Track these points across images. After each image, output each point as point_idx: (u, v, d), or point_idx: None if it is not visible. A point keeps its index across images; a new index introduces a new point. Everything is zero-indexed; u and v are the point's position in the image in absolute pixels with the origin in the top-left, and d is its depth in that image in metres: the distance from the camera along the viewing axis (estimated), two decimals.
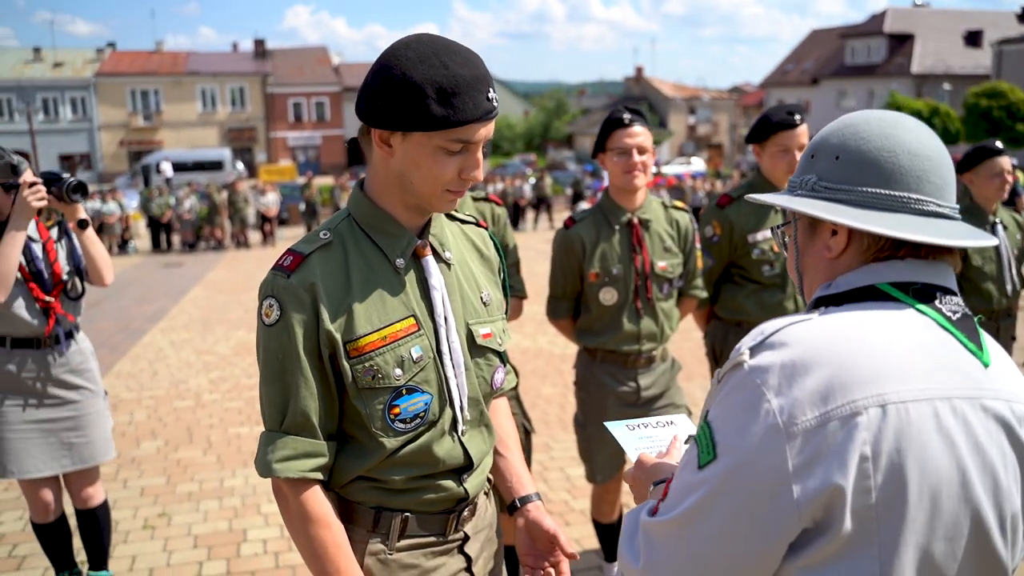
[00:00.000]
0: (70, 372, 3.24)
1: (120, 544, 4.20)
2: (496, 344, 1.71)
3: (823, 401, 0.99)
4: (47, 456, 3.21)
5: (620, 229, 3.12)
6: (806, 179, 1.19)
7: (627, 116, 3.00)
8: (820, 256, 1.19)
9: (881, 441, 0.98)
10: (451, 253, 1.67)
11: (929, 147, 1.13)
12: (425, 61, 1.44)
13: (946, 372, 1.04)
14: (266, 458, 1.53)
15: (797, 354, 1.02)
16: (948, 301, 1.11)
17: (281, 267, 1.54)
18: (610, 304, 3.13)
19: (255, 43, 55.77)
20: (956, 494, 1.01)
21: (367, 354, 1.53)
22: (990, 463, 1.03)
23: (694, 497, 1.04)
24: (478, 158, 1.53)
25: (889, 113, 1.17)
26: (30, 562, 4.04)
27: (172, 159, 38.36)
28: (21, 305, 3.08)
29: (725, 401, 1.06)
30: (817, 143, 1.20)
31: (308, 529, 1.53)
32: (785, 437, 0.99)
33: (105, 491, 3.50)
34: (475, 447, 1.68)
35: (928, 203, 1.12)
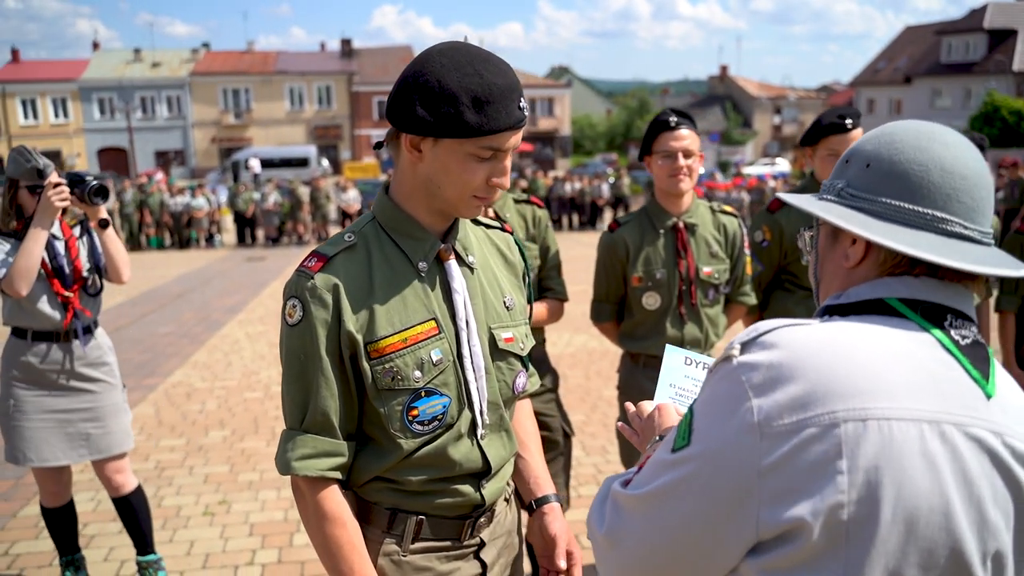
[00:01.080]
0: (87, 365, 3.38)
1: (180, 529, 4.36)
2: (518, 349, 1.71)
3: (803, 407, 0.97)
4: (65, 446, 3.36)
5: (665, 233, 3.09)
6: (835, 184, 1.16)
7: (673, 119, 2.96)
8: (838, 264, 1.17)
9: (858, 456, 0.95)
10: (474, 257, 1.68)
11: (965, 165, 1.08)
12: (460, 69, 1.46)
13: (940, 395, 1.00)
14: (285, 456, 1.56)
15: (785, 356, 1.00)
16: (959, 325, 1.07)
17: (305, 268, 1.57)
18: (653, 309, 3.09)
19: (342, 43, 56.92)
20: (936, 523, 0.97)
21: (387, 355, 1.55)
22: (978, 496, 0.99)
23: (662, 479, 1.05)
24: (506, 166, 1.55)
25: (932, 126, 1.13)
26: (97, 541, 4.23)
27: (260, 156, 39.54)
28: (43, 299, 3.24)
29: (709, 392, 1.06)
30: (854, 149, 1.17)
31: (324, 527, 1.56)
32: (758, 437, 0.97)
33: (136, 479, 3.63)
34: (494, 452, 1.68)
35: (953, 223, 1.07)
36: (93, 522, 4.45)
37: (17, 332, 3.30)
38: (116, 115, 50.46)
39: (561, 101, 58.32)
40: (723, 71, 60.20)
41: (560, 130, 57.35)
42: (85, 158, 50.99)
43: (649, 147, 3.02)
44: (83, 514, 4.53)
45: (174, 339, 9.55)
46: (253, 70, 53.25)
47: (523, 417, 1.90)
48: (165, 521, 4.46)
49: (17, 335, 3.30)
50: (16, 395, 3.30)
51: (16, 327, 3.30)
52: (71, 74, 52.00)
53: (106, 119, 51.40)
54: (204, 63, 53.78)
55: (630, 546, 1.09)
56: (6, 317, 3.31)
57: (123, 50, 56.61)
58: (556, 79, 65.74)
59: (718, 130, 51.77)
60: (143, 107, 51.84)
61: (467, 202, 1.56)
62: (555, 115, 57.72)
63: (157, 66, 53.50)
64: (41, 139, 50.85)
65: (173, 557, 4.05)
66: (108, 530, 4.35)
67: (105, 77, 51.49)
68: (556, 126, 57.28)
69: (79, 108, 51.48)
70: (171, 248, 21.23)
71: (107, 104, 51.29)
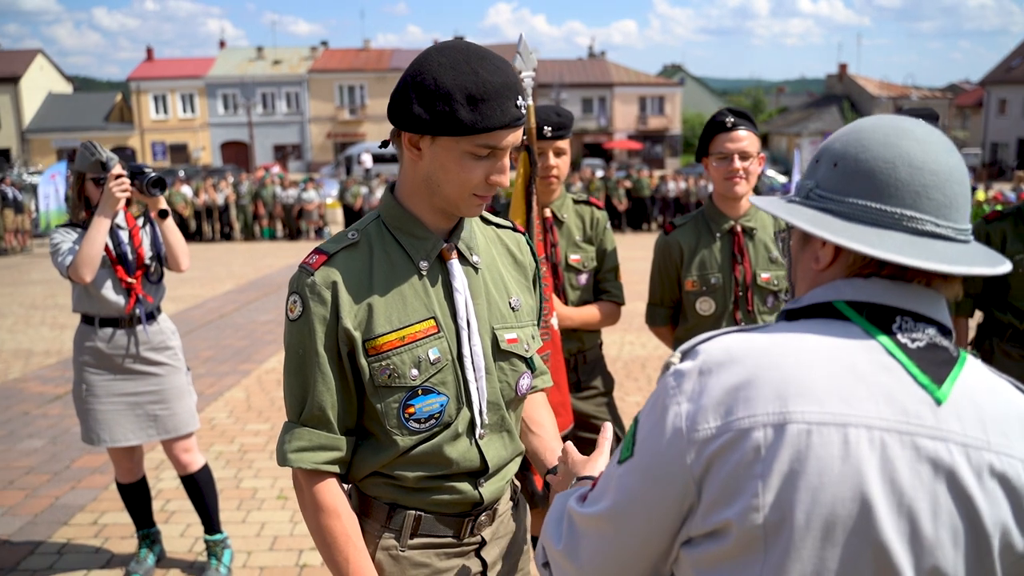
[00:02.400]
0: (151, 349, 3.55)
1: (254, 510, 4.54)
2: (522, 350, 1.70)
3: (727, 412, 0.97)
4: (135, 427, 3.54)
5: (721, 237, 3.01)
6: (805, 184, 1.13)
7: (730, 119, 2.88)
8: (808, 267, 1.14)
9: (774, 460, 0.94)
10: (479, 257, 1.68)
11: (936, 160, 1.03)
12: (456, 67, 1.47)
13: (872, 400, 0.97)
14: (283, 447, 1.60)
15: (717, 364, 1.01)
16: (911, 328, 1.02)
17: (307, 265, 1.59)
18: (707, 314, 3.03)
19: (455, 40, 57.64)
20: (853, 528, 0.93)
21: (384, 353, 1.56)
22: (909, 507, 0.94)
23: (612, 496, 1.07)
24: (504, 164, 1.55)
25: (904, 120, 1.08)
26: (177, 517, 4.45)
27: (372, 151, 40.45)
28: (107, 285, 3.43)
29: (651, 401, 1.07)
30: (823, 147, 1.14)
31: (319, 518, 1.59)
32: (686, 442, 0.99)
33: (204, 458, 3.80)
34: (493, 452, 1.68)
35: (924, 221, 1.03)
36: (175, 499, 4.68)
37: (86, 319, 3.52)
38: (239, 110, 52.70)
39: (672, 100, 57.50)
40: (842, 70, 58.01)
41: (670, 129, 56.56)
42: (209, 151, 53.46)
43: (706, 148, 2.96)
44: (166, 491, 4.77)
45: (273, 327, 9.90)
46: (368, 67, 54.62)
47: (537, 407, 1.89)
48: (240, 502, 4.65)
49: (86, 321, 3.52)
50: (88, 379, 3.52)
51: (85, 314, 3.51)
52: (199, 71, 54.60)
53: (229, 114, 53.77)
54: (322, 60, 55.53)
55: (587, 562, 1.11)
56: (75, 304, 3.54)
57: (247, 48, 59.04)
58: (668, 77, 64.83)
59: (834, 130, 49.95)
60: (263, 103, 53.92)
61: (467, 200, 1.56)
62: (665, 114, 56.95)
63: (278, 63, 55.56)
64: (169, 133, 53.65)
65: (243, 537, 4.22)
66: (187, 507, 4.56)
67: (229, 74, 53.82)
68: (666, 125, 56.51)
69: (205, 103, 54.02)
70: (282, 239, 22.01)
71: (231, 100, 53.63)
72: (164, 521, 4.40)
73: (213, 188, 22.06)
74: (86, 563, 3.98)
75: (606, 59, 61.89)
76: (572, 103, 54.71)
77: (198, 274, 14.79)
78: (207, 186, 22.30)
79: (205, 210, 21.71)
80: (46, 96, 54.90)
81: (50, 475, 5.14)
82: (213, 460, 5.32)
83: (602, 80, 56.80)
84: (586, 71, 58.20)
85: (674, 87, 58.81)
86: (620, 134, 56.02)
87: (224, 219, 21.93)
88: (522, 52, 3.00)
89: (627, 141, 54.50)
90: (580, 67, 59.01)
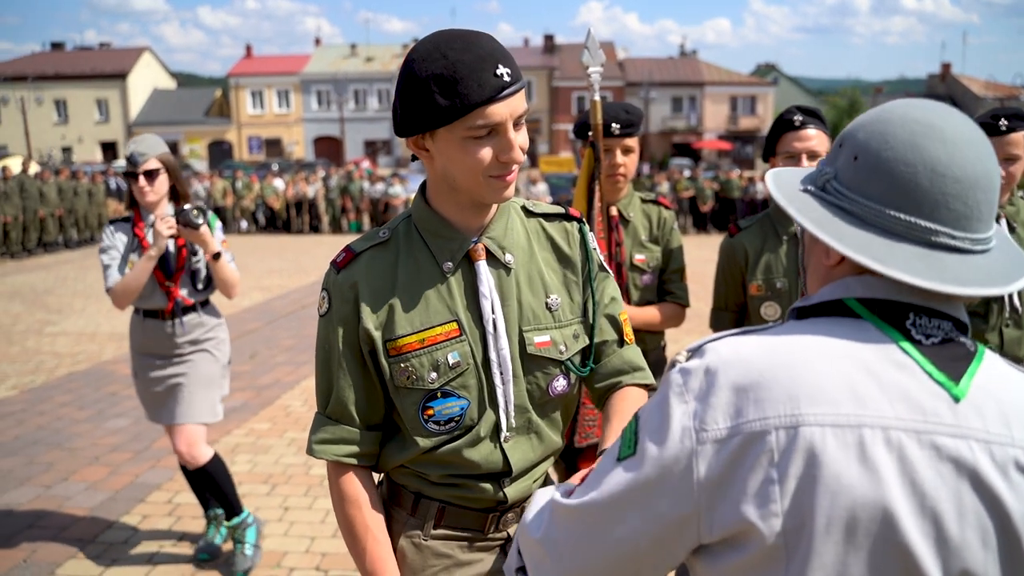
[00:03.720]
0: (191, 342, 3.68)
1: (320, 497, 4.62)
2: (556, 353, 1.62)
3: (737, 413, 0.94)
4: (157, 407, 3.70)
5: (788, 240, 2.90)
6: (824, 172, 1.06)
7: (798, 117, 2.76)
8: (819, 261, 1.09)
9: (789, 464, 0.90)
10: (512, 256, 1.62)
11: (962, 166, 0.96)
12: (427, 58, 1.42)
13: (887, 399, 0.92)
14: (310, 437, 1.64)
15: (725, 363, 0.97)
16: (926, 324, 0.98)
17: (334, 262, 1.60)
18: (772, 319, 2.93)
19: (544, 38, 57.82)
20: (876, 532, 0.89)
21: (404, 355, 1.55)
22: (932, 508, 0.90)
23: (606, 489, 1.02)
24: (510, 139, 1.46)
25: (935, 113, 1.00)
26: (248, 501, 4.56)
27: None
28: (147, 286, 3.57)
29: (654, 399, 1.03)
30: (849, 130, 1.07)
31: (343, 508, 1.62)
32: (695, 443, 0.95)
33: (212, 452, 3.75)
34: (518, 455, 1.64)
35: (940, 234, 0.97)
36: (247, 482, 4.81)
37: (135, 309, 3.70)
38: (331, 106, 53.96)
39: (764, 99, 56.31)
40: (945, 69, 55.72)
41: (762, 129, 55.34)
42: (302, 146, 54.88)
43: (773, 148, 2.85)
44: (238, 474, 4.90)
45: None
46: None
47: (626, 399, 1.71)
48: (308, 488, 4.75)
49: (135, 312, 3.71)
50: (136, 363, 3.72)
51: (135, 306, 3.69)
52: (294, 68, 56.15)
53: (322, 110, 55.12)
54: None
55: (568, 558, 1.07)
56: None
57: (341, 45, 60.44)
58: (762, 77, 63.49)
59: None
60: (355, 99, 55.10)
61: (485, 184, 1.49)
62: (757, 114, 55.83)
63: (370, 60, 56.67)
64: (265, 127, 55.28)
65: (308, 523, 4.30)
66: (257, 491, 4.68)
67: (324, 71, 55.19)
68: (758, 125, 55.36)
69: (299, 99, 55.51)
70: None
71: (324, 96, 54.99)
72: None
73: (304, 181, 22.61)
74: (159, 539, 4.13)
75: (697, 58, 61.10)
76: (661, 102, 54.16)
77: (285, 265, 15.20)
78: (298, 179, 22.89)
79: (295, 203, 22.27)
80: (151, 91, 57.38)
81: (132, 453, 5.35)
82: (285, 447, 5.45)
83: (693, 79, 56.05)
84: (677, 70, 57.53)
85: (767, 87, 57.58)
86: (710, 134, 55.16)
87: (313, 212, 22.45)
88: (589, 47, 2.97)
89: (717, 141, 53.61)
90: (671, 66, 58.37)
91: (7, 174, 16.96)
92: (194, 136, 55.06)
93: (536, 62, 55.25)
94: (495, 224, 1.61)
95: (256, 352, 8.28)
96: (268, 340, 8.86)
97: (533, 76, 54.27)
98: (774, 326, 1.04)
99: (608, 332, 1.72)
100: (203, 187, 22.44)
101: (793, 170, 1.17)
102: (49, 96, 53.32)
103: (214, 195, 22.08)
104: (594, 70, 2.98)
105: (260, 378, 7.26)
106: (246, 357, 8.05)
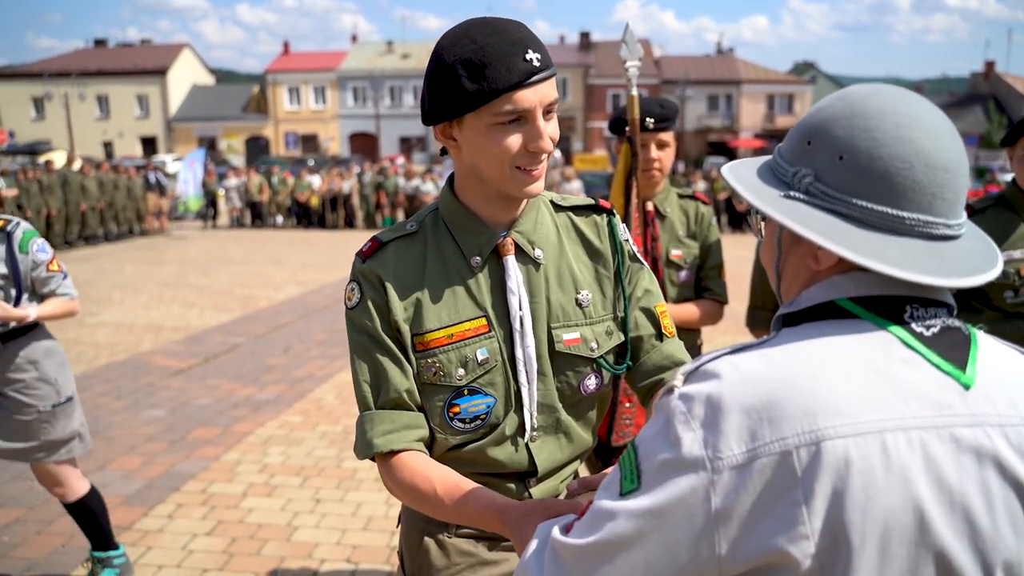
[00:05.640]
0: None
1: (352, 491, 4.64)
2: (587, 351, 1.57)
3: (752, 437, 0.88)
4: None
5: None
6: (801, 174, 1.00)
7: None
8: (804, 264, 1.04)
9: (815, 482, 0.86)
10: (542, 251, 1.57)
11: (947, 154, 0.95)
12: (456, 43, 1.39)
13: (902, 399, 0.89)
14: (366, 436, 1.50)
15: (730, 384, 0.91)
16: (923, 314, 0.95)
17: (360, 252, 1.57)
18: None
19: (580, 36, 57.63)
20: (910, 539, 0.86)
21: (431, 350, 1.50)
22: (962, 503, 0.87)
23: (612, 527, 0.94)
24: (539, 127, 1.41)
25: (902, 100, 0.98)
26: (280, 493, 4.61)
27: None
28: None
29: (653, 427, 0.96)
30: (816, 126, 1.01)
31: (419, 486, 1.45)
32: (711, 471, 0.88)
33: (84, 485, 3.48)
34: (544, 455, 1.59)
35: (937, 225, 0.95)
36: (280, 474, 4.85)
37: None
38: (367, 103, 54.26)
39: (802, 98, 55.64)
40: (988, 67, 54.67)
41: None
42: (338, 142, 55.26)
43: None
44: (271, 466, 4.92)
45: None
46: None
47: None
48: (340, 481, 4.78)
49: None
50: None
51: None
52: (331, 64, 56.54)
53: (358, 106, 55.45)
54: None
55: None
56: None
57: (378, 42, 60.73)
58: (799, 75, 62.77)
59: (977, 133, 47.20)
60: (391, 96, 55.34)
61: (511, 176, 1.44)
62: (794, 112, 55.16)
63: (406, 57, 56.86)
64: (302, 123, 55.75)
65: (340, 515, 4.33)
66: (289, 483, 4.72)
67: (360, 67, 55.52)
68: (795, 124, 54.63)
69: (336, 96, 55.89)
70: None
71: (360, 93, 55.32)
72: (267, 495, 4.56)
73: (339, 177, 22.76)
74: (192, 529, 4.17)
75: (734, 56, 60.51)
76: (697, 100, 53.74)
77: (320, 260, 15.31)
78: (332, 175, 23.04)
79: (330, 199, 22.41)
80: (191, 88, 58.08)
81: (167, 443, 5.42)
82: (318, 439, 5.49)
83: (729, 77, 55.55)
84: (713, 68, 57.06)
85: (804, 85, 56.87)
86: (746, 132, 54.62)
87: (348, 207, 22.59)
88: (627, 41, 2.94)
89: (753, 140, 53.05)
90: (707, 64, 57.90)
91: (50, 168, 17.27)
92: (232, 132, 55.69)
93: (572, 59, 55.09)
94: (524, 218, 1.57)
95: (290, 346, 8.34)
96: (302, 334, 8.92)
97: (568, 74, 54.13)
98: (770, 339, 0.98)
99: (644, 326, 1.65)
100: (240, 182, 22.69)
101: (747, 165, 1.11)
102: (91, 92, 54.18)
103: (251, 190, 22.30)
104: (632, 64, 2.96)
105: (293, 371, 7.31)
106: (280, 351, 8.12)
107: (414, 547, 1.65)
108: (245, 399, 6.46)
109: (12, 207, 15.35)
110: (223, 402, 6.37)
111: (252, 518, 4.31)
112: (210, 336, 8.83)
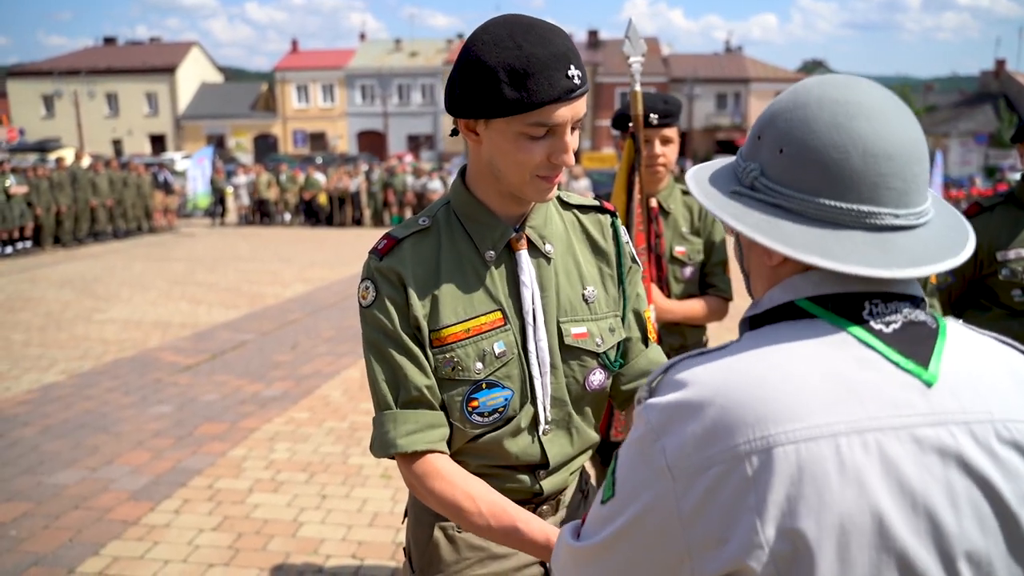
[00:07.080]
0: None
1: (358, 487, 4.66)
2: (593, 345, 1.60)
3: (707, 444, 0.87)
4: None
5: None
6: (749, 169, 1.00)
7: None
8: (761, 261, 1.03)
9: (767, 490, 0.84)
10: (552, 246, 1.59)
11: (891, 141, 0.92)
12: (499, 43, 1.38)
13: (858, 401, 0.87)
14: (387, 436, 1.49)
15: (688, 392, 0.91)
16: (884, 311, 0.93)
17: (375, 250, 1.55)
18: None
19: (588, 34, 57.52)
20: (870, 543, 0.84)
21: (448, 345, 1.51)
22: (924, 505, 0.85)
23: (600, 533, 0.99)
24: (566, 141, 1.43)
25: (852, 89, 0.96)
26: (286, 489, 4.63)
27: None
28: None
29: (629, 436, 0.98)
30: (765, 120, 1.01)
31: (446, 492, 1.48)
32: (671, 479, 0.89)
33: None
34: (556, 448, 1.61)
35: (883, 215, 0.93)
36: (286, 470, 4.87)
37: None
38: (375, 101, 54.33)
39: None
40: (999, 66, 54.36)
41: None
42: (346, 140, 55.35)
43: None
44: (277, 462, 4.94)
45: None
46: None
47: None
48: (346, 477, 4.79)
49: None
50: None
51: None
52: (339, 62, 56.61)
53: (367, 104, 55.53)
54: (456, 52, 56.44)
55: None
56: None
57: (386, 40, 60.76)
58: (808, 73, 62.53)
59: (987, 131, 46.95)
60: (399, 94, 55.40)
61: (530, 183, 1.46)
62: None
63: (414, 55, 56.90)
64: (310, 121, 55.87)
65: (345, 511, 4.34)
66: (296, 479, 4.74)
67: (368, 66, 55.58)
68: None
69: (344, 94, 55.98)
70: None
71: (368, 91, 55.41)
72: (273, 490, 4.58)
73: (347, 175, 22.79)
74: (199, 524, 4.19)
75: (743, 54, 60.32)
76: (706, 98, 53.65)
77: (328, 257, 15.35)
78: (340, 173, 23.08)
79: (337, 197, 22.45)
80: (199, 85, 58.24)
81: (174, 439, 5.45)
82: (324, 436, 5.50)
83: (738, 75, 55.39)
84: (721, 66, 56.91)
85: None
86: None
87: (355, 205, 22.62)
88: (630, 37, 2.94)
89: None
90: (715, 62, 57.75)
91: (61, 165, 17.35)
92: (240, 129, 55.84)
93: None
94: (536, 213, 1.59)
95: (297, 343, 8.37)
96: (309, 331, 8.95)
97: None
98: (732, 343, 0.97)
99: (634, 329, 1.69)
100: (248, 179, 22.74)
101: (709, 167, 1.11)
102: (101, 90, 54.43)
103: (259, 187, 22.36)
104: (635, 60, 2.95)
105: (301, 368, 7.33)
106: (287, 347, 8.15)
107: (423, 542, 1.65)
108: (252, 395, 6.48)
109: (22, 204, 15.43)
110: (230, 398, 6.40)
111: (258, 514, 4.32)
112: (218, 333, 8.86)
